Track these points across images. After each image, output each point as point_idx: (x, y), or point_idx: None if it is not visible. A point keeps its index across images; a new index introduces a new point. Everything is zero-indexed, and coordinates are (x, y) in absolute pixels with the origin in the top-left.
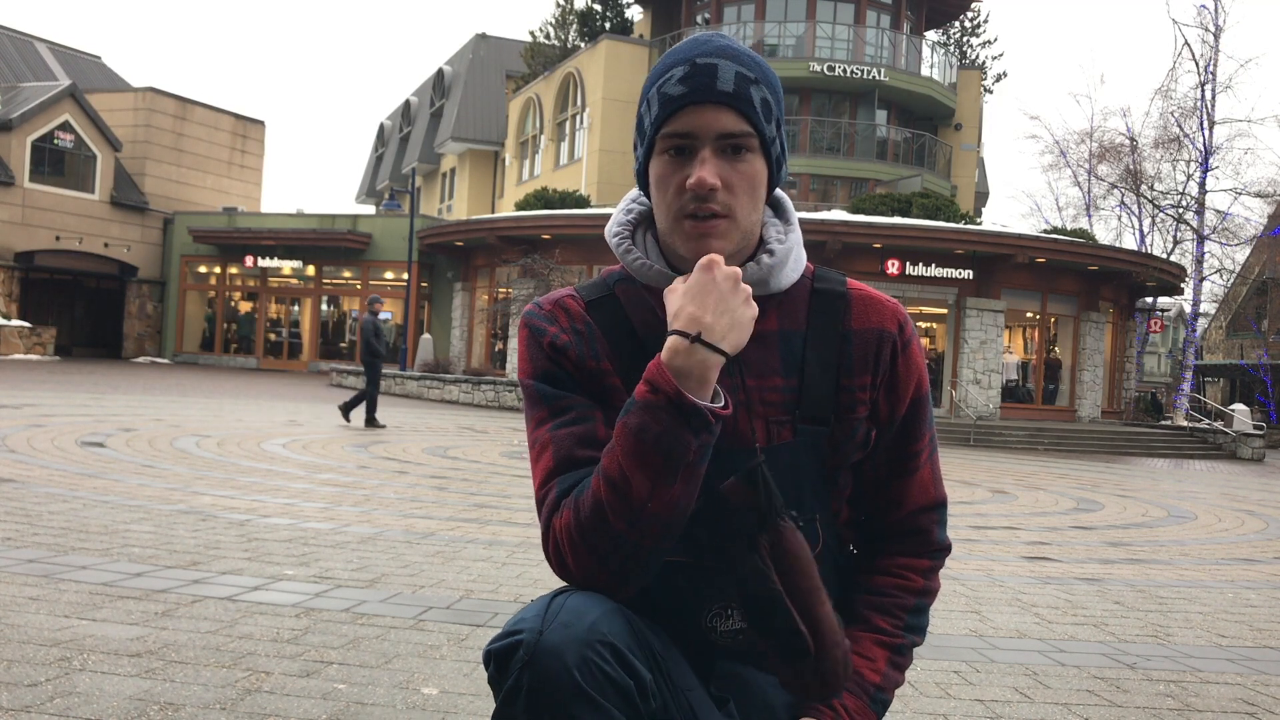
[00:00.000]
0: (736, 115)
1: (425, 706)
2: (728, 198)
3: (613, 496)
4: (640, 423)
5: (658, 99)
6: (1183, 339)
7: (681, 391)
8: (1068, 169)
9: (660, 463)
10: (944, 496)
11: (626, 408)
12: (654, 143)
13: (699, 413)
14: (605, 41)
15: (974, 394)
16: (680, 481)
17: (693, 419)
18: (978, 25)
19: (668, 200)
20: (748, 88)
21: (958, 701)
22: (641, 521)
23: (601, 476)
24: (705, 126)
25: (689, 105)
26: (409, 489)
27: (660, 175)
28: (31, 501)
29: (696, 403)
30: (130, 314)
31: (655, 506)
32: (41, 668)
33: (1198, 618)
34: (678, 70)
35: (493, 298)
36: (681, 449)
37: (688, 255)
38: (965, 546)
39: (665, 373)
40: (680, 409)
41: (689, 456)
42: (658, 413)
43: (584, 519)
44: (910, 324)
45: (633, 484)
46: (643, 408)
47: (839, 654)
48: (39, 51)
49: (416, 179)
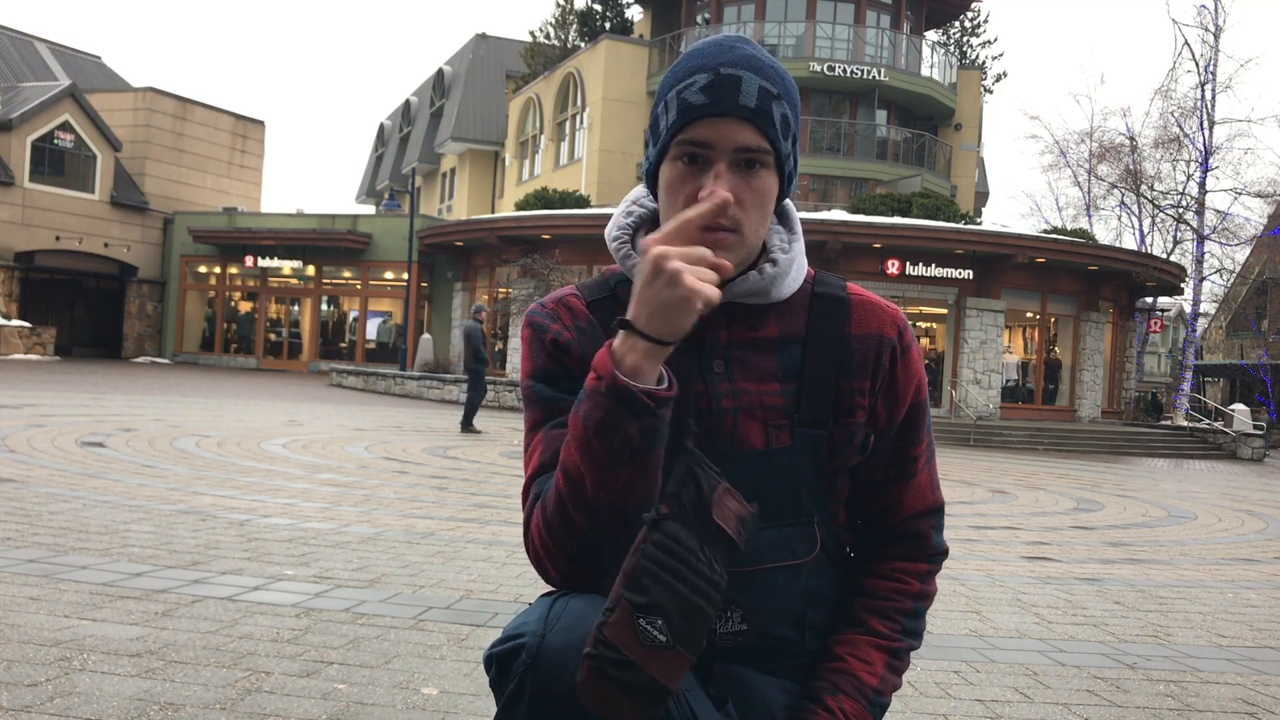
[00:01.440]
0: (756, 131)
1: (425, 706)
2: (738, 213)
3: (569, 489)
4: (585, 410)
5: (677, 104)
6: (1183, 339)
7: (616, 374)
8: (1068, 169)
9: (605, 451)
10: (941, 501)
11: (577, 399)
12: (668, 147)
13: (631, 395)
14: (605, 41)
15: (974, 394)
16: (629, 470)
17: (629, 402)
18: (978, 25)
19: (677, 208)
20: (770, 104)
21: (958, 701)
22: (599, 513)
23: (560, 471)
24: (723, 139)
25: (709, 115)
26: (409, 489)
27: (672, 181)
28: (31, 501)
29: (629, 384)
30: (130, 314)
31: (607, 496)
32: (41, 668)
33: (1198, 618)
34: (701, 77)
35: (493, 298)
36: (623, 434)
37: None
38: (965, 546)
39: (606, 360)
40: (615, 392)
41: (633, 443)
42: (598, 398)
43: (550, 516)
44: (910, 330)
45: (585, 474)
46: (587, 395)
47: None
48: (39, 51)
49: (416, 179)
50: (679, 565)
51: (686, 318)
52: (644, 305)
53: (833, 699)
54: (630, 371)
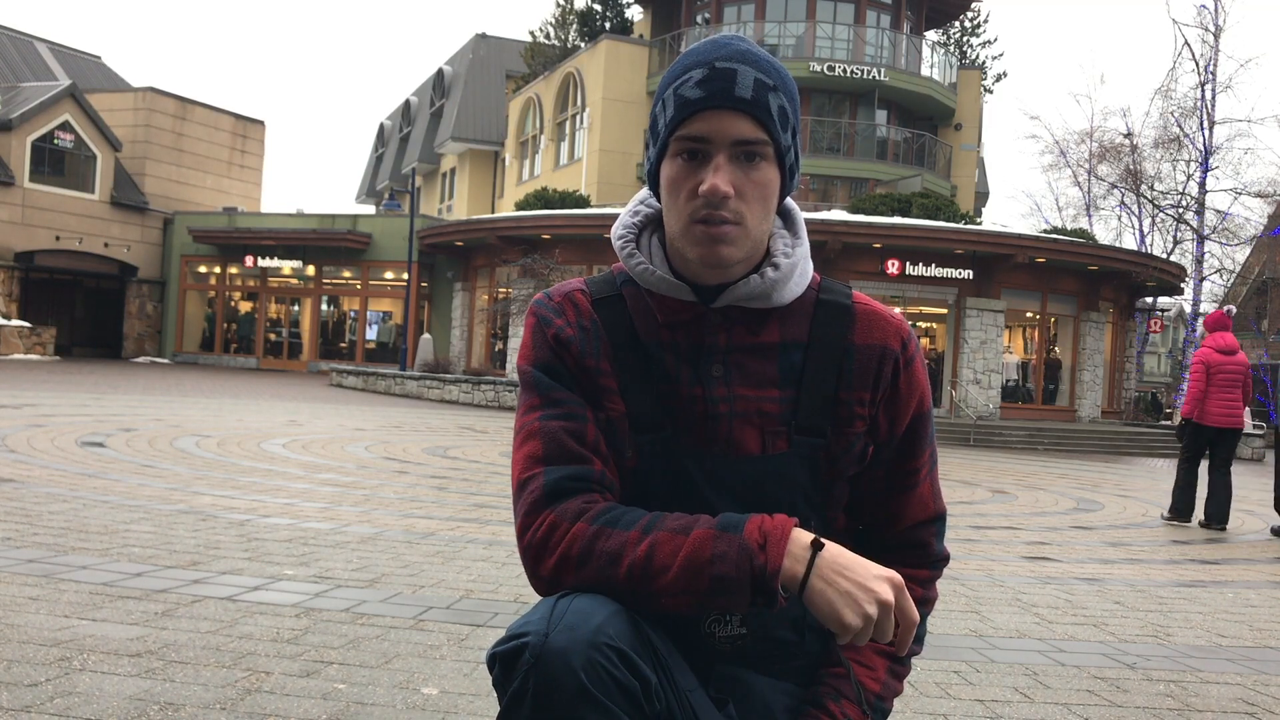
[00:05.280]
0: (753, 123)
1: (425, 706)
2: (740, 205)
3: (641, 569)
4: (719, 558)
5: (674, 100)
6: (1183, 339)
7: (778, 586)
8: (1068, 169)
9: (705, 589)
10: (943, 509)
11: (724, 525)
12: (667, 144)
13: (774, 597)
14: (605, 41)
15: (974, 394)
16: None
17: (766, 596)
18: (978, 25)
19: (679, 204)
20: (766, 95)
21: (958, 701)
22: (646, 600)
23: (647, 548)
24: (721, 132)
25: (706, 109)
26: (409, 489)
27: (672, 178)
28: (31, 501)
29: (780, 596)
30: (130, 314)
31: (660, 604)
32: (41, 668)
33: (1197, 618)
34: (696, 73)
35: (493, 298)
36: (730, 601)
37: (696, 260)
38: (965, 546)
39: (780, 557)
40: (763, 587)
41: (733, 607)
42: (743, 572)
43: (595, 556)
44: (914, 341)
45: (667, 579)
46: (737, 552)
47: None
48: (39, 51)
49: (416, 179)
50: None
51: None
52: (843, 593)
53: (835, 704)
54: (784, 578)
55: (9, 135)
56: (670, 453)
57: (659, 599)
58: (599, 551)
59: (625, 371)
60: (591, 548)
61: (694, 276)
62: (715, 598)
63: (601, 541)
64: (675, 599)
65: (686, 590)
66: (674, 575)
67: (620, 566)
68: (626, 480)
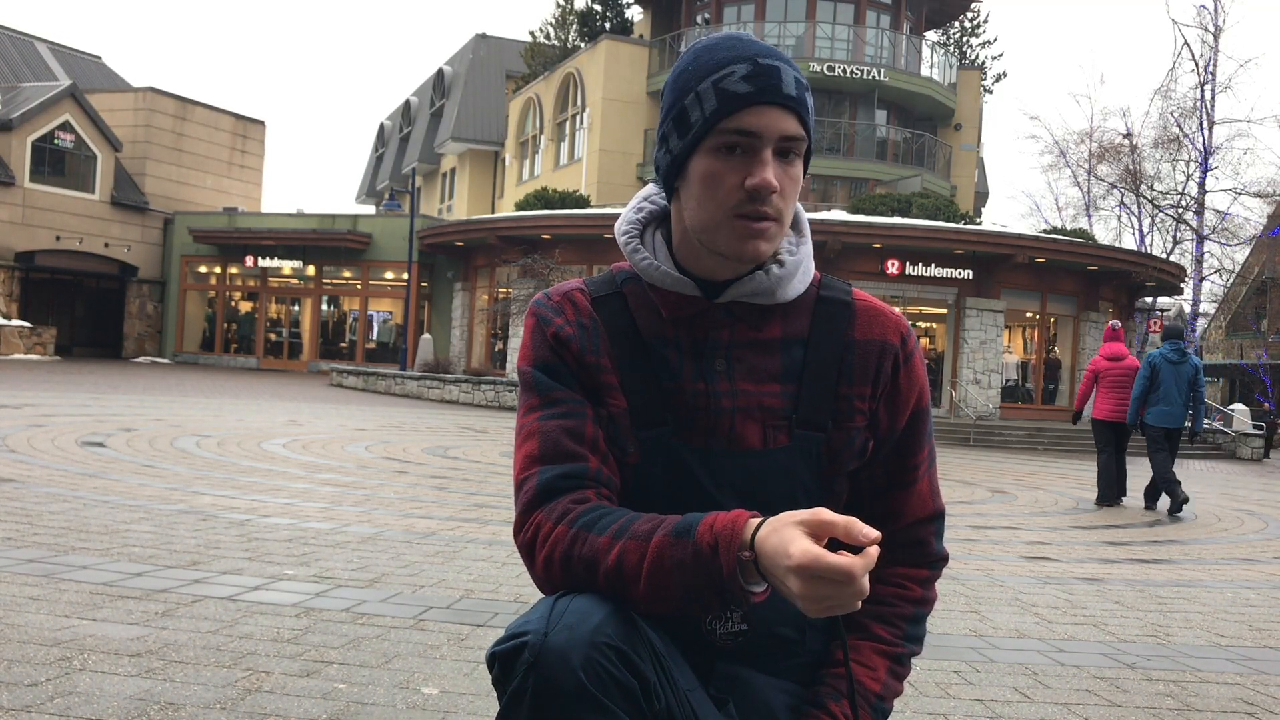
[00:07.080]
0: (797, 120)
1: (425, 706)
2: (779, 201)
3: (614, 578)
4: (676, 566)
5: (715, 94)
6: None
7: (740, 583)
8: (1067, 169)
9: (677, 599)
10: (942, 508)
11: (678, 530)
12: (702, 138)
13: (737, 599)
14: (605, 41)
15: (974, 394)
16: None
17: (729, 597)
18: (978, 25)
19: (719, 198)
20: (805, 93)
21: (958, 701)
22: (633, 606)
23: (616, 557)
24: (770, 127)
25: (756, 104)
26: (409, 489)
27: (711, 171)
28: (31, 501)
29: (747, 592)
30: (130, 314)
31: (645, 610)
32: (41, 668)
33: (1197, 618)
34: (740, 67)
35: (493, 298)
36: (703, 603)
37: (731, 254)
38: (965, 546)
39: (734, 565)
40: (724, 588)
41: (709, 611)
42: (702, 574)
43: (574, 562)
44: (913, 337)
45: (639, 589)
46: (694, 558)
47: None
48: (39, 51)
49: (416, 179)
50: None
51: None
52: (809, 593)
53: (835, 703)
54: (746, 579)
55: (9, 135)
56: (672, 448)
57: (640, 606)
58: (576, 558)
59: (626, 367)
60: (570, 553)
61: (703, 272)
62: (689, 605)
63: (578, 547)
64: (656, 605)
65: (662, 599)
66: (644, 586)
67: (597, 574)
68: (628, 476)
